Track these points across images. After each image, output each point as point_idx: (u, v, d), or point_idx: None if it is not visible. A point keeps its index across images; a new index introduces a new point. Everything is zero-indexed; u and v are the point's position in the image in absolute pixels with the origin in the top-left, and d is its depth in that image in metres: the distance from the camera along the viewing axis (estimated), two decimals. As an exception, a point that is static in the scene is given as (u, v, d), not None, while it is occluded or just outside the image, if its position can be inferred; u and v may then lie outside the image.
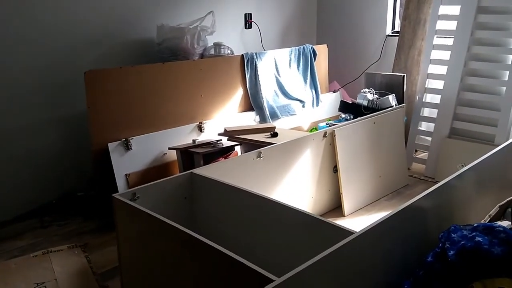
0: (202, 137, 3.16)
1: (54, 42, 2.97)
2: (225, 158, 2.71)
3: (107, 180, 2.79)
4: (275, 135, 2.89)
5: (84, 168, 3.08)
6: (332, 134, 2.83)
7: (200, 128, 3.18)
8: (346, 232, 1.53)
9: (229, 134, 2.94)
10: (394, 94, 3.46)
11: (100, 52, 3.17)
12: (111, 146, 2.76)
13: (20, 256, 2.44)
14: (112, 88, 2.77)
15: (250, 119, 3.49)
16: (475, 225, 1.59)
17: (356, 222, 2.74)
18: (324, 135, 2.80)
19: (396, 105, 3.38)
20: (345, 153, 2.88)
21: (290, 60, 3.80)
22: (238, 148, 2.97)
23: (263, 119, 3.53)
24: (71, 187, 3.16)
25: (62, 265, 2.31)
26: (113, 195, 1.86)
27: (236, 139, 2.90)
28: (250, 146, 2.83)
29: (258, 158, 2.42)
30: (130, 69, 2.85)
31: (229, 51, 3.43)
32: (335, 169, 2.88)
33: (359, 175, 2.99)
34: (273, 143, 2.63)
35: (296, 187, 2.67)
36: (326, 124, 3.54)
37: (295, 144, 2.64)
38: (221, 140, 3.01)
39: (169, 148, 2.97)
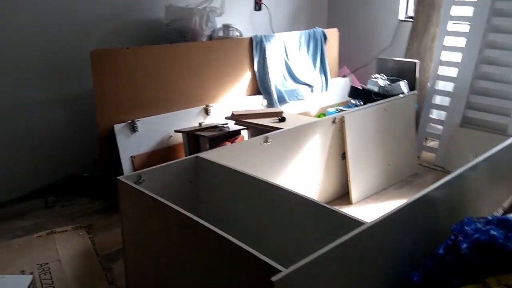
0: (209, 120, 3.11)
1: (61, 20, 2.91)
2: (231, 142, 2.66)
3: (112, 162, 2.76)
4: (282, 120, 2.84)
5: (91, 149, 3.04)
6: (342, 120, 2.77)
7: (206, 111, 3.13)
8: (355, 222, 1.48)
9: (236, 118, 2.89)
10: (406, 81, 3.39)
11: (107, 31, 3.11)
12: (117, 127, 2.72)
13: (24, 236, 2.42)
14: (118, 69, 2.72)
15: (258, 103, 3.43)
16: (490, 218, 1.54)
17: (364, 211, 2.70)
18: (333, 121, 2.75)
19: (407, 92, 3.30)
20: (354, 139, 2.83)
21: (299, 43, 3.72)
22: (245, 133, 2.92)
23: (270, 104, 3.48)
24: (76, 168, 3.12)
25: (66, 246, 2.29)
26: (118, 177, 1.83)
27: (243, 123, 2.85)
28: (257, 130, 2.77)
29: (265, 143, 2.37)
30: (137, 49, 2.79)
31: (237, 33, 3.36)
32: (344, 156, 2.83)
33: (368, 162, 2.94)
34: (281, 128, 2.58)
35: (303, 173, 2.62)
36: (335, 110, 3.48)
37: (303, 129, 2.59)
38: (227, 123, 2.96)
39: (175, 131, 2.92)
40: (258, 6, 4.02)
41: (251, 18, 3.98)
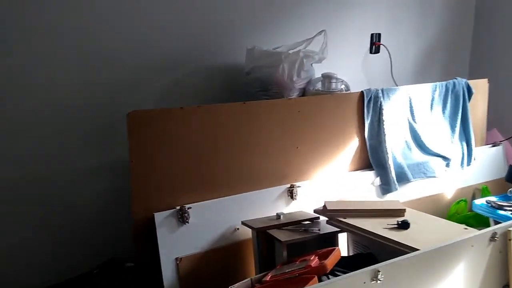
0: (293, 207, 2.20)
1: (109, 68, 2.28)
2: (319, 257, 1.70)
3: (154, 256, 1.97)
4: (404, 226, 1.79)
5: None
6: (506, 237, 1.66)
7: (291, 194, 2.22)
8: None
9: (330, 215, 1.92)
10: None
11: (170, 81, 2.41)
12: (159, 217, 1.93)
13: None
14: (167, 135, 1.95)
15: (366, 182, 2.44)
16: None
17: None
18: (492, 238, 1.65)
19: None
20: (525, 266, 1.69)
21: (432, 100, 2.67)
22: (343, 237, 1.94)
23: (386, 183, 2.46)
24: (118, 254, 2.41)
25: None
26: None
27: (340, 225, 1.88)
28: (362, 238, 1.79)
29: (374, 281, 1.38)
30: (195, 110, 2.00)
31: (343, 86, 2.43)
32: (505, 290, 1.71)
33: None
34: (403, 247, 1.57)
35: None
36: (487, 202, 2.32)
37: (441, 254, 1.54)
38: (318, 218, 2.02)
39: (243, 223, 2.05)
40: (375, 48, 3.07)
41: (364, 65, 3.04)
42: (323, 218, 2.01)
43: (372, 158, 2.48)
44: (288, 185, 2.22)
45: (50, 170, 2.24)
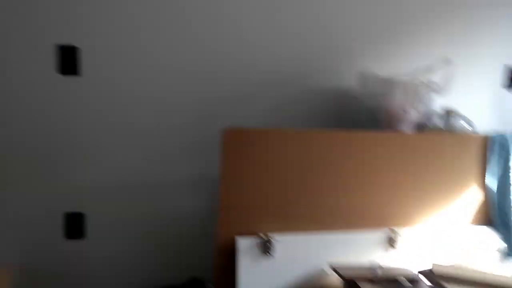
0: (391, 258, 1.93)
1: (216, 84, 2.22)
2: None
3: (233, 283, 1.84)
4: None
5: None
6: None
7: (391, 241, 1.94)
8: None
9: (435, 280, 1.62)
10: None
11: (272, 101, 2.28)
12: (242, 242, 1.80)
13: None
14: (261, 157, 1.82)
15: (485, 241, 2.07)
16: None
17: None
18: None
19: None
20: None
21: None
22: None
23: (509, 246, 2.07)
24: (202, 272, 2.31)
25: None
26: None
27: (447, 292, 1.57)
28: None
29: None
30: (293, 133, 1.84)
31: (467, 125, 2.11)
32: None
33: None
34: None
35: None
36: None
37: None
38: (419, 280, 1.72)
39: (331, 268, 1.83)
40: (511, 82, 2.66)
41: (495, 102, 2.63)
42: (424, 280, 1.71)
43: (494, 214, 2.11)
44: (388, 231, 1.95)
45: (151, 180, 2.23)
